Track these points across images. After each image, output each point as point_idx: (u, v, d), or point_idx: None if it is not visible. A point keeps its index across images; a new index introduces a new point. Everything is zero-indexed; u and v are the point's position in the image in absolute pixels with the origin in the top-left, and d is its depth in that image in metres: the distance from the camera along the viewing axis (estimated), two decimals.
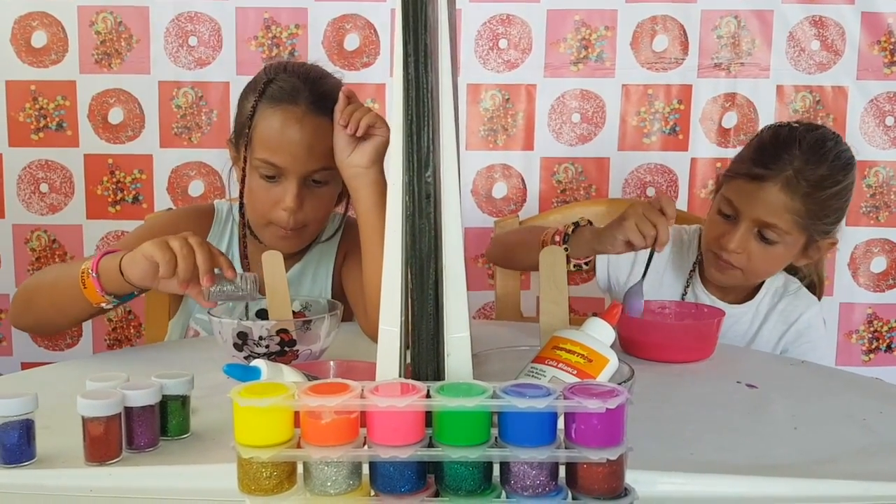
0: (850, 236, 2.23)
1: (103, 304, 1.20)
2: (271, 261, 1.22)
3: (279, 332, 1.12)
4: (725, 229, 1.45)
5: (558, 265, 1.01)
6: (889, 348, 2.27)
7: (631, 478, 0.66)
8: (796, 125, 1.48)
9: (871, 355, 2.27)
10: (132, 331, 2.30)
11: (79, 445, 0.83)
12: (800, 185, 1.38)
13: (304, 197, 1.38)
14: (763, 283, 1.55)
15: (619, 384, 0.82)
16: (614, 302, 0.93)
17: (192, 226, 1.43)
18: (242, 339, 1.13)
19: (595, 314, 0.91)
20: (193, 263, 1.11)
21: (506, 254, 1.51)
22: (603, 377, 0.85)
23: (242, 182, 1.41)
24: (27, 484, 0.80)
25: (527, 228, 1.52)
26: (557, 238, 1.41)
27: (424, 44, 0.70)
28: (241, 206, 1.44)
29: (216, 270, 1.13)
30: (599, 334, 0.88)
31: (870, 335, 2.27)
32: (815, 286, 1.62)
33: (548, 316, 1.00)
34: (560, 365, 0.86)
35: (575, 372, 0.85)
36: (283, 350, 1.12)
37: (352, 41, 2.20)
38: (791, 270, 1.60)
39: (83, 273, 1.18)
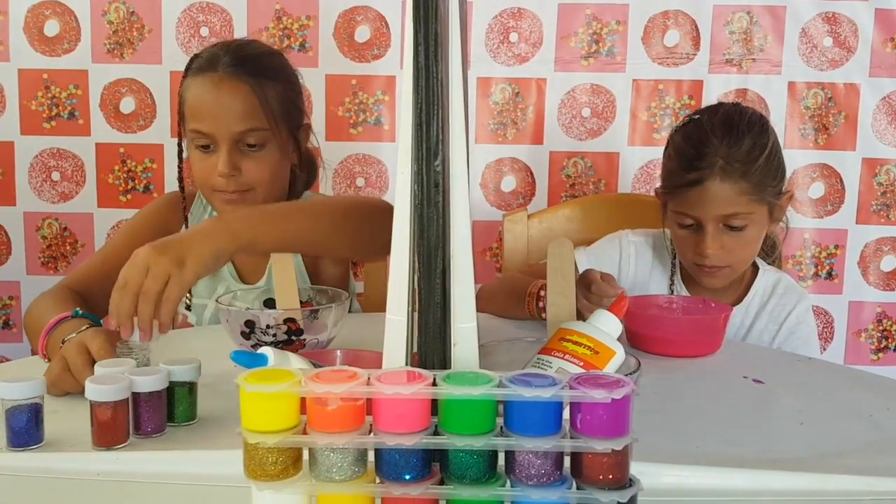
0: (859, 235, 2.23)
1: None
2: None
3: (286, 321, 1.13)
4: (695, 240, 1.44)
5: (566, 257, 1.01)
6: None
7: (637, 470, 0.66)
8: (697, 116, 1.50)
9: (880, 354, 2.27)
10: None
11: (86, 430, 0.84)
12: (734, 167, 1.39)
13: (237, 161, 1.39)
14: (752, 285, 1.55)
15: (626, 376, 0.82)
16: (622, 294, 0.93)
17: (170, 215, 1.52)
18: (250, 328, 1.13)
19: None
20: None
21: (494, 312, 1.49)
22: (609, 369, 0.85)
23: (180, 158, 1.47)
24: (34, 467, 0.81)
25: (507, 288, 1.48)
26: (542, 304, 1.37)
27: (435, 33, 0.70)
28: (181, 184, 1.50)
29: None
30: (606, 326, 0.88)
31: (879, 334, 2.26)
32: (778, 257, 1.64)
33: (555, 308, 1.00)
34: (567, 356, 0.86)
35: (581, 363, 0.85)
36: (291, 339, 1.13)
37: (362, 33, 2.20)
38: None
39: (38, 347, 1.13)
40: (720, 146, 1.40)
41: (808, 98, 2.20)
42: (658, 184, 1.58)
